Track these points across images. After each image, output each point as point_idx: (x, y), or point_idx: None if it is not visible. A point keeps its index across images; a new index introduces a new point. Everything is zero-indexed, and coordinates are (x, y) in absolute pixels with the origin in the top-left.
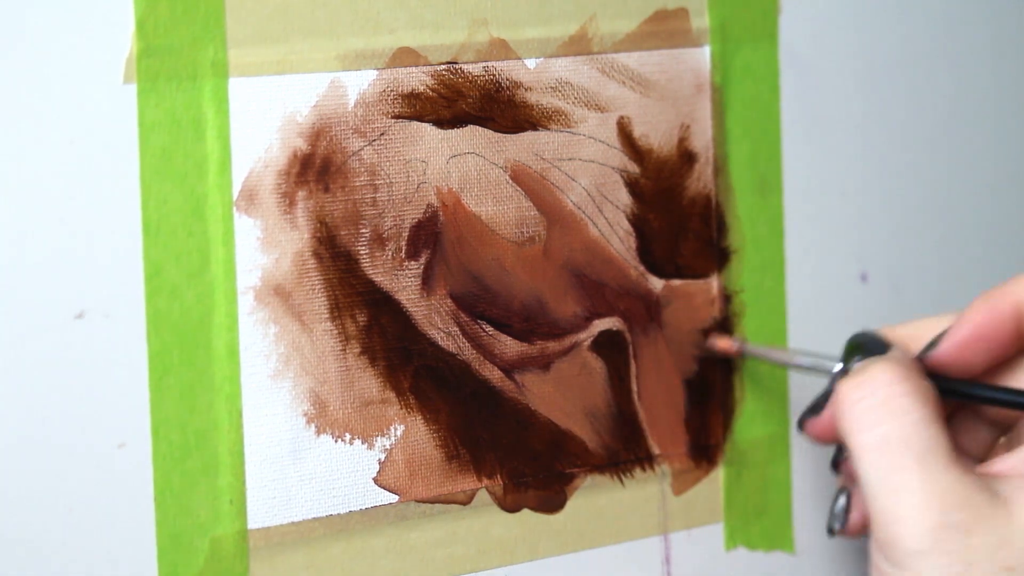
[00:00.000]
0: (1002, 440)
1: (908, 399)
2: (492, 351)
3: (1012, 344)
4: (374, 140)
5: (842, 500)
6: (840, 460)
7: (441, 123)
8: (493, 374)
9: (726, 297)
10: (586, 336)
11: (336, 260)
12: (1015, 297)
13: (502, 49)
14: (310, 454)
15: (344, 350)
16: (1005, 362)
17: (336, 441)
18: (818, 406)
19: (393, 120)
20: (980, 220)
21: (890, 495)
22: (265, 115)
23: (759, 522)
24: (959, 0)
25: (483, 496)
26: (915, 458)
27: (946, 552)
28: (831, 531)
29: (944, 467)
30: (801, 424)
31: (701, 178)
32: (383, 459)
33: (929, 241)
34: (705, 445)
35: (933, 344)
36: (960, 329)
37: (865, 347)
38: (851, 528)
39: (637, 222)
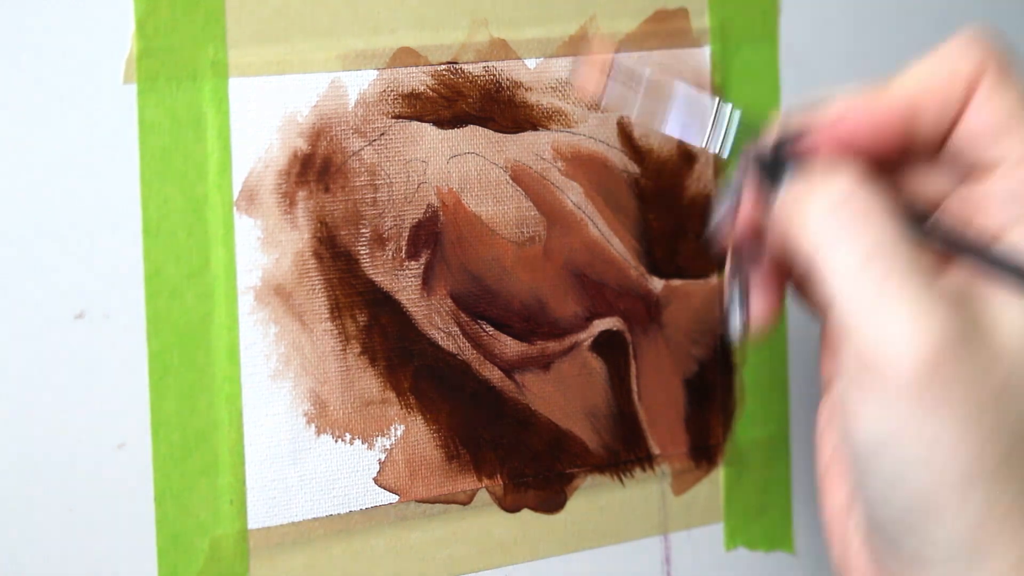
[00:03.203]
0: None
1: (883, 206)
2: (492, 351)
3: (895, 151)
4: (374, 140)
5: (737, 306)
6: (746, 258)
7: (441, 123)
8: (493, 374)
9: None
10: (586, 336)
11: (336, 260)
12: (903, 98)
13: (502, 49)
14: (310, 454)
15: (344, 350)
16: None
17: (336, 441)
18: (726, 216)
19: (393, 120)
20: None
21: (881, 316)
22: (265, 115)
23: (759, 522)
24: (959, 0)
25: (483, 496)
26: (903, 273)
27: (943, 380)
28: (732, 336)
29: (929, 282)
30: (712, 233)
31: (701, 178)
32: (383, 459)
33: None
34: (705, 445)
35: (795, 135)
36: (836, 129)
37: (786, 157)
38: (755, 330)
39: (637, 222)
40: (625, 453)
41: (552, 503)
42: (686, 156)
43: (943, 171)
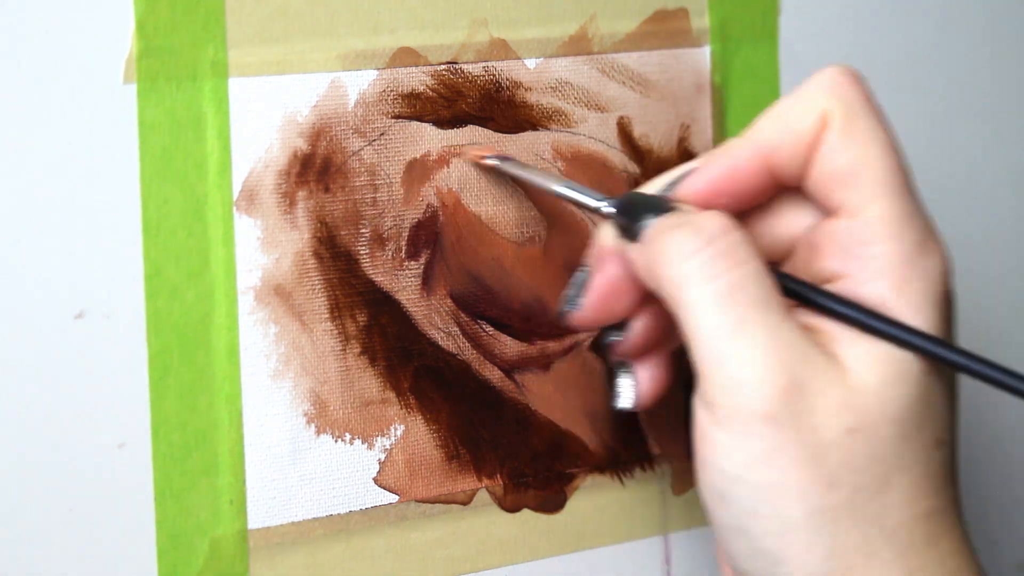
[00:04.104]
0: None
1: (744, 247)
2: (492, 351)
3: (760, 190)
4: (374, 140)
5: (624, 378)
6: (611, 342)
7: (441, 123)
8: (493, 374)
9: None
10: (586, 336)
11: (336, 260)
12: (759, 141)
13: (502, 49)
14: (310, 454)
15: (344, 350)
16: (755, 206)
17: (336, 441)
18: (575, 296)
19: (393, 120)
20: (979, 220)
21: (734, 353)
22: (265, 115)
23: None
24: (958, 0)
25: (483, 496)
26: (759, 311)
27: (792, 415)
28: (618, 408)
29: (784, 321)
30: (562, 316)
31: None
32: (383, 459)
33: None
34: None
35: (672, 186)
36: (699, 177)
37: (649, 205)
38: (641, 402)
39: None
40: (625, 453)
41: (552, 503)
42: (686, 156)
43: (809, 206)
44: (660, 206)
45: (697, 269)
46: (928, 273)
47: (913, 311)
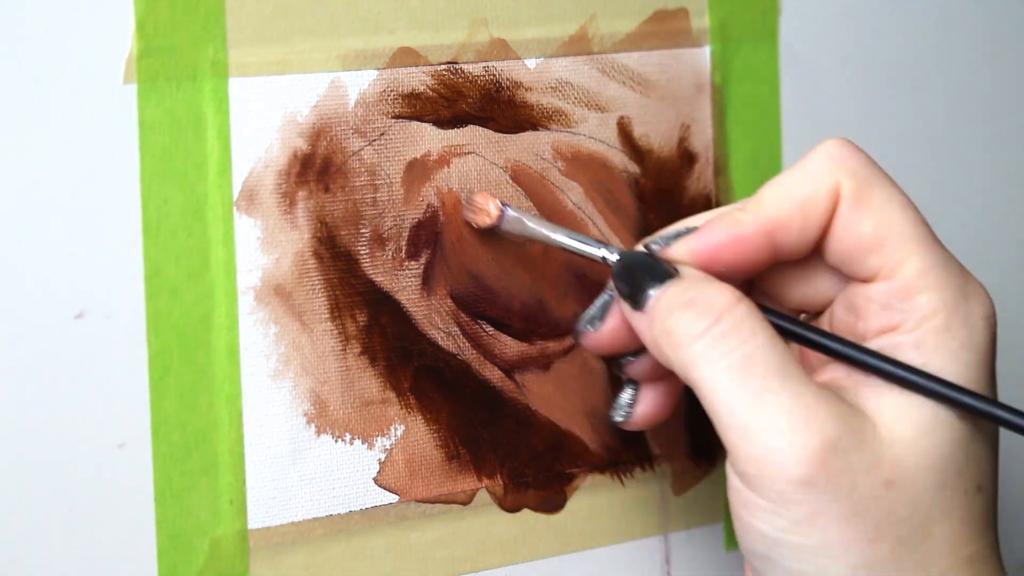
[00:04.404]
0: (802, 317)
1: (752, 319)
2: (492, 351)
3: (761, 262)
4: (374, 140)
5: (628, 392)
6: (625, 362)
7: (441, 123)
8: (493, 374)
9: None
10: None
11: (336, 260)
12: (765, 216)
13: (502, 49)
14: (310, 454)
15: (344, 350)
16: (753, 273)
17: (336, 441)
18: (595, 318)
19: (393, 120)
20: (980, 220)
21: (760, 424)
22: (265, 115)
23: None
24: (958, 0)
25: (483, 496)
26: (778, 379)
27: (830, 476)
28: (612, 421)
29: (806, 384)
30: (578, 335)
31: (701, 178)
32: (383, 459)
33: None
34: (705, 445)
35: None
36: (700, 241)
37: (651, 270)
38: (635, 421)
39: (637, 222)
40: (625, 453)
41: (552, 503)
42: (686, 156)
43: (823, 274)
44: (661, 272)
45: (707, 348)
46: (971, 318)
47: (953, 358)
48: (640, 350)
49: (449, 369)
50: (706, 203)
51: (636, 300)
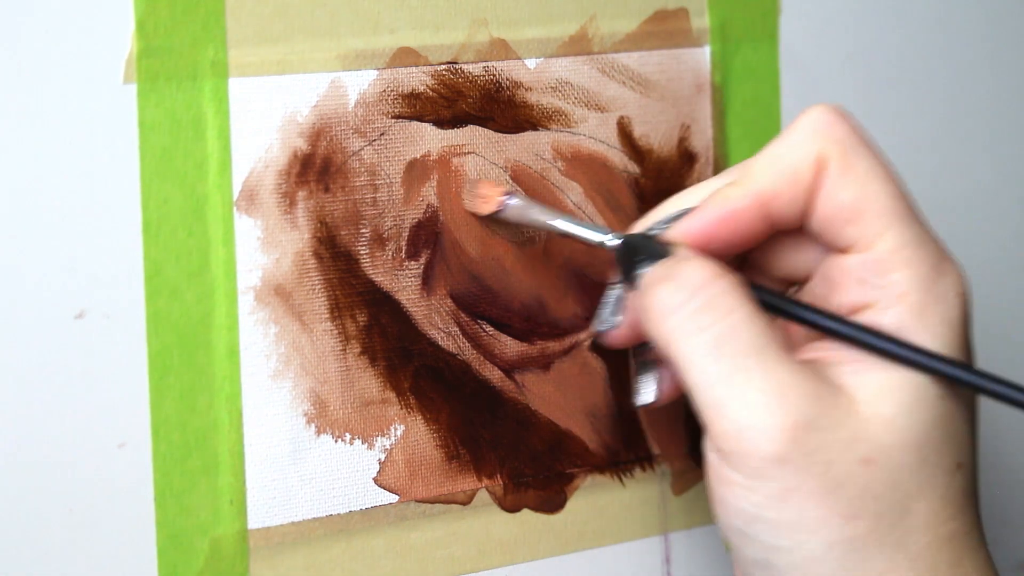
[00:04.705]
0: (792, 289)
1: (731, 295)
2: (492, 351)
3: (758, 234)
4: (374, 140)
5: (651, 376)
6: (644, 349)
7: (441, 123)
8: (493, 374)
9: None
10: (586, 336)
11: (336, 260)
12: (755, 188)
13: (502, 49)
14: (310, 454)
15: (344, 350)
16: (751, 246)
17: (336, 441)
18: (611, 314)
19: (393, 120)
20: (980, 219)
21: (734, 401)
22: (265, 115)
23: None
24: (958, 0)
25: (483, 496)
26: (754, 356)
27: (806, 453)
28: (638, 404)
29: (783, 361)
30: (598, 335)
31: (701, 178)
32: (383, 459)
33: None
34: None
35: (666, 223)
36: (696, 220)
37: (646, 249)
38: (663, 399)
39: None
40: (625, 453)
41: (552, 503)
42: (686, 156)
43: (811, 245)
44: (656, 251)
45: (684, 322)
46: (946, 295)
47: (931, 335)
48: None
49: (449, 369)
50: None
51: (631, 280)
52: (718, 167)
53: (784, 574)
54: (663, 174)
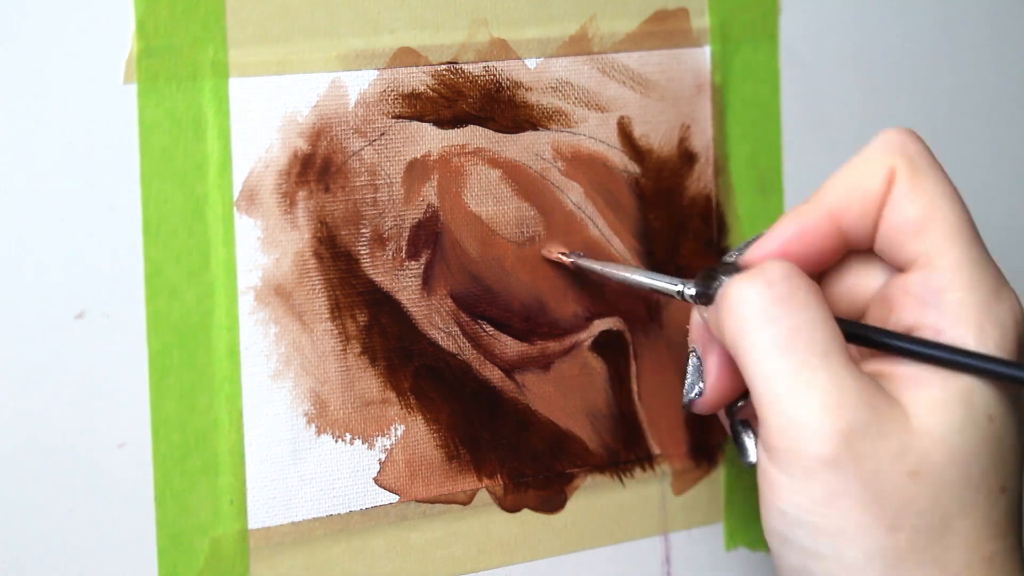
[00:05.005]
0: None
1: (808, 293)
2: (492, 351)
3: (831, 252)
4: (374, 140)
5: (751, 436)
6: (737, 408)
7: (441, 123)
8: (493, 374)
9: None
10: (586, 336)
11: (336, 260)
12: (827, 203)
13: (502, 49)
14: (310, 454)
15: (344, 350)
16: (826, 268)
17: (336, 441)
18: (695, 383)
19: (393, 120)
20: (980, 220)
21: (794, 398)
22: (265, 115)
23: (759, 522)
24: (958, 0)
25: (483, 496)
26: (820, 356)
27: (853, 459)
28: (746, 463)
29: (846, 366)
30: (688, 407)
31: (701, 178)
32: (383, 459)
33: None
34: (705, 445)
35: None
36: (769, 241)
37: (724, 271)
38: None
39: (637, 222)
40: (625, 453)
41: (552, 503)
42: (686, 156)
43: (876, 267)
44: (733, 270)
45: (758, 312)
46: (1003, 320)
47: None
48: (746, 393)
49: (449, 369)
50: (706, 203)
51: (708, 297)
52: (718, 167)
53: None
54: (663, 174)
